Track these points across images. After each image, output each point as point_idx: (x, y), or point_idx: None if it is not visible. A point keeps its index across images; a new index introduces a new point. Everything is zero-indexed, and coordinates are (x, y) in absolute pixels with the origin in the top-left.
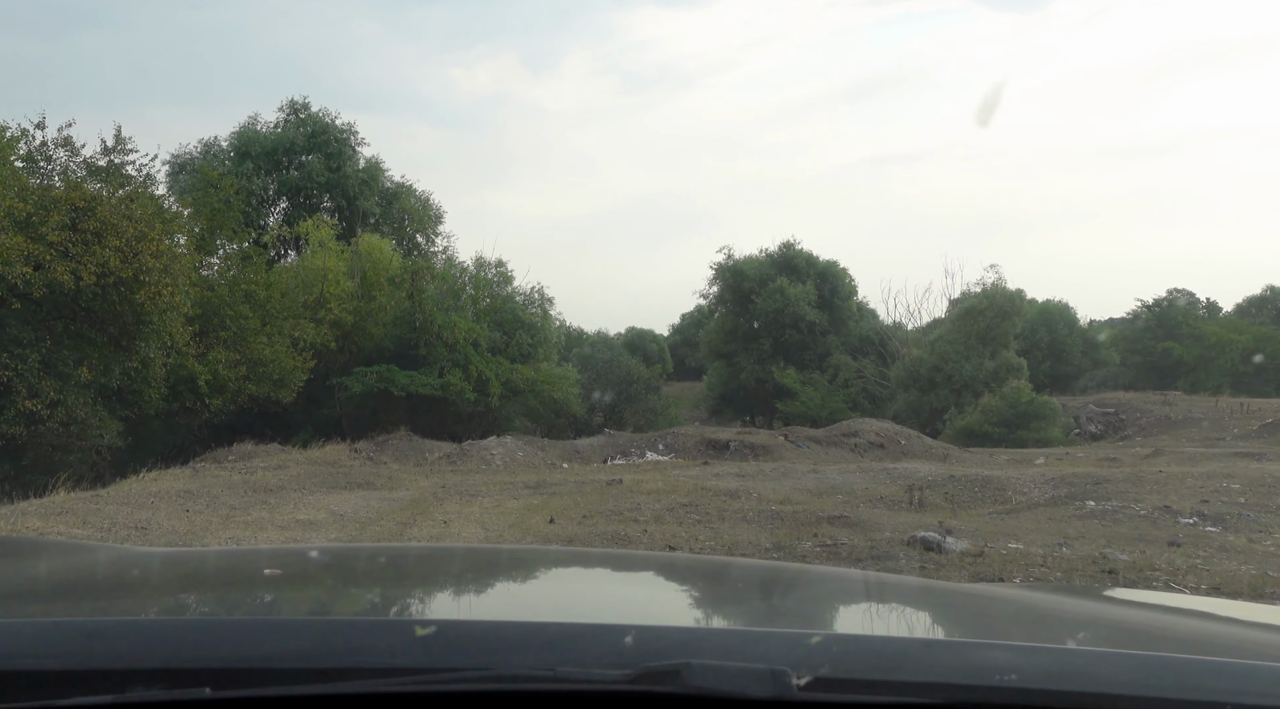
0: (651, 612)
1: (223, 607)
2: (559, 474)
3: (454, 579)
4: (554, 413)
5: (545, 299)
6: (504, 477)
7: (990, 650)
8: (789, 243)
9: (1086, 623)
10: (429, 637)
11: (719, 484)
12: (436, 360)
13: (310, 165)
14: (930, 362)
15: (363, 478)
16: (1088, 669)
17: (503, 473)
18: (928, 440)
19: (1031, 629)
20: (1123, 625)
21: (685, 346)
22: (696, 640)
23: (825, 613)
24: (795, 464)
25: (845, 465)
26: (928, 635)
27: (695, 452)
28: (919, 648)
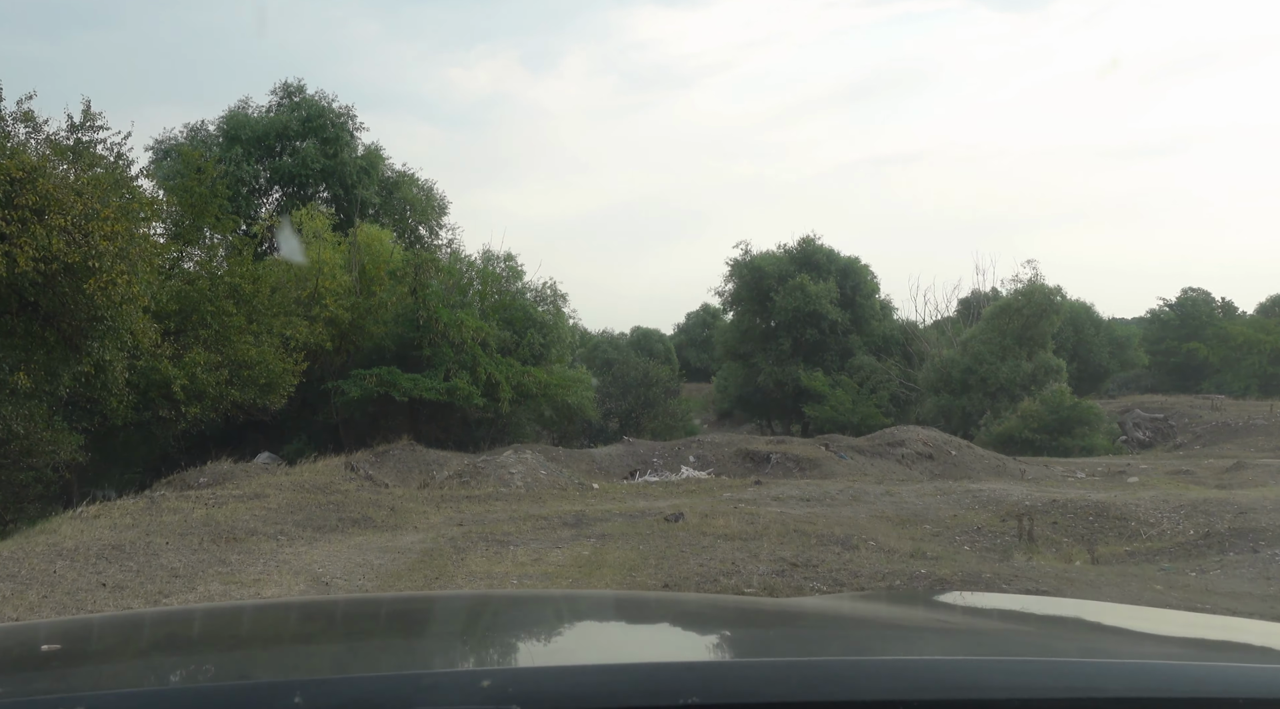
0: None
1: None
2: (596, 501)
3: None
4: (567, 419)
5: (558, 295)
6: (531, 506)
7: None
8: (808, 238)
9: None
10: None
11: (790, 513)
12: (442, 362)
13: (305, 151)
14: (963, 363)
15: (359, 511)
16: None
17: (527, 500)
18: (978, 450)
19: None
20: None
21: (691, 347)
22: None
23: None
24: (862, 484)
25: (917, 484)
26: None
27: (733, 466)
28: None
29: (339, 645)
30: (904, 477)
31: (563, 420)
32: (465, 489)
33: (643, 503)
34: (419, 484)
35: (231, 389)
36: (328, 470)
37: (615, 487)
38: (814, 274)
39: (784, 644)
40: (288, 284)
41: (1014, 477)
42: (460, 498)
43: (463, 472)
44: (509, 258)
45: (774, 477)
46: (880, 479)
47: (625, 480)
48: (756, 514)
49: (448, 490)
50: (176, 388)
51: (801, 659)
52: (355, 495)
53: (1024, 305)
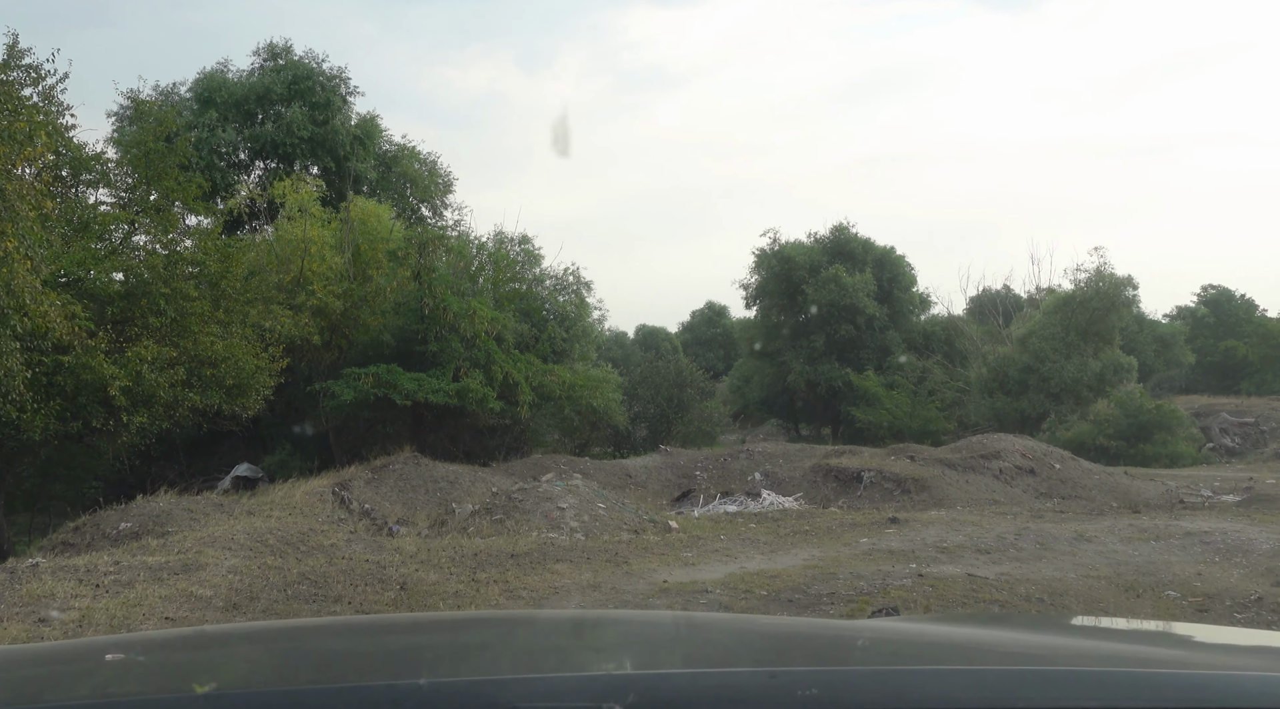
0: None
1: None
2: (699, 556)
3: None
4: (590, 425)
5: (581, 283)
6: (609, 570)
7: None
8: (842, 226)
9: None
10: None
11: (979, 577)
12: (450, 359)
13: (290, 117)
14: (1021, 361)
15: (350, 593)
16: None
17: (598, 558)
18: (1084, 463)
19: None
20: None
21: (697, 345)
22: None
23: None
24: (1020, 521)
25: (1108, 519)
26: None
27: (812, 486)
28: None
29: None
30: (1008, 495)
31: (586, 427)
32: (503, 536)
33: (768, 559)
34: (432, 521)
35: (189, 392)
36: (309, 504)
37: (696, 524)
38: (848, 265)
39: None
40: (269, 266)
41: (1161, 499)
42: (501, 559)
43: (491, 505)
44: (525, 240)
45: (873, 501)
46: (1009, 506)
47: (680, 506)
48: (942, 582)
49: (477, 539)
50: (114, 390)
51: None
52: (344, 556)
53: (1091, 297)
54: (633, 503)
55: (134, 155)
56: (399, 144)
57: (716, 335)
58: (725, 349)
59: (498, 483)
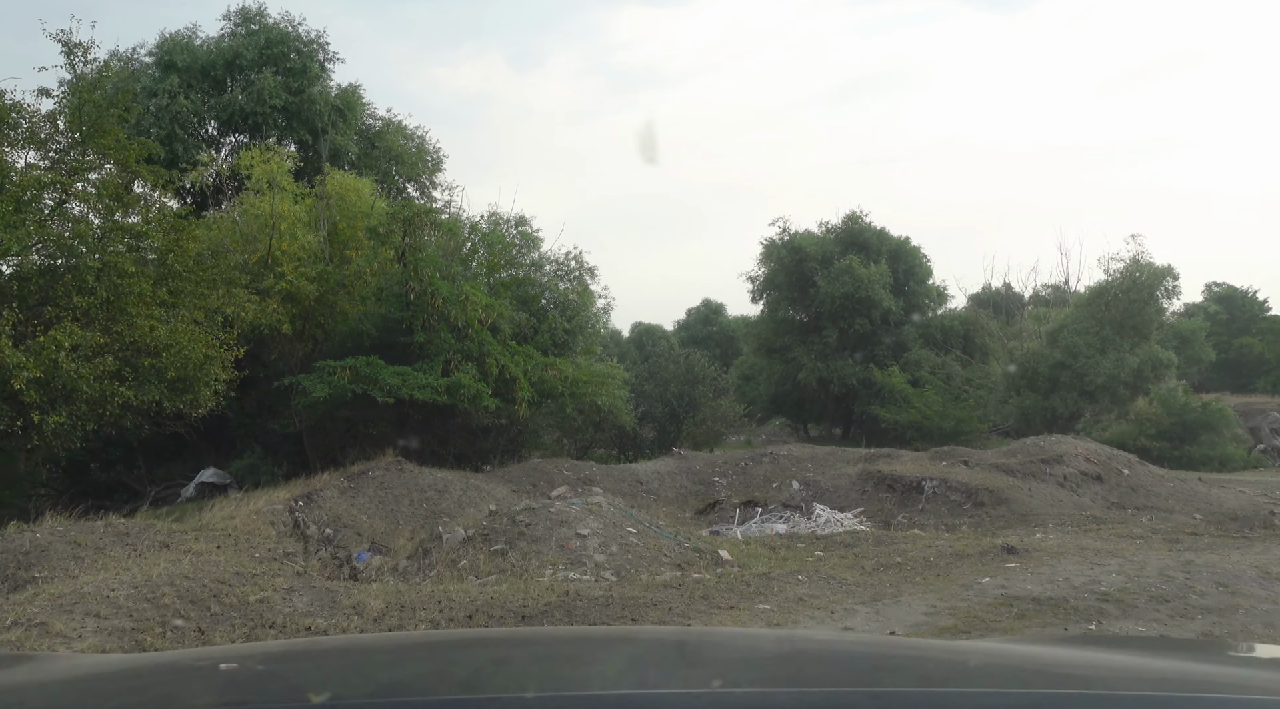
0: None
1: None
2: (777, 608)
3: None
4: (594, 425)
5: (585, 268)
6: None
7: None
8: (855, 215)
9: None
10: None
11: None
12: (439, 351)
13: (261, 84)
14: (1053, 357)
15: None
16: None
17: (650, 615)
18: (1153, 468)
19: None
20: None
21: (693, 344)
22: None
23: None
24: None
25: (1258, 546)
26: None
27: (872, 499)
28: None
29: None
30: (1076, 506)
31: (589, 427)
32: (506, 577)
33: (876, 613)
34: (414, 550)
35: (121, 386)
36: (253, 528)
37: (749, 552)
38: (862, 255)
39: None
40: (233, 245)
41: (1250, 512)
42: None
43: (489, 530)
44: (522, 221)
45: (939, 515)
46: (1117, 525)
47: (710, 522)
48: None
49: (471, 580)
50: (20, 383)
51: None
52: (272, 623)
53: (1129, 287)
54: (667, 524)
55: (70, 114)
56: (384, 118)
57: (713, 333)
58: (722, 347)
59: (495, 493)
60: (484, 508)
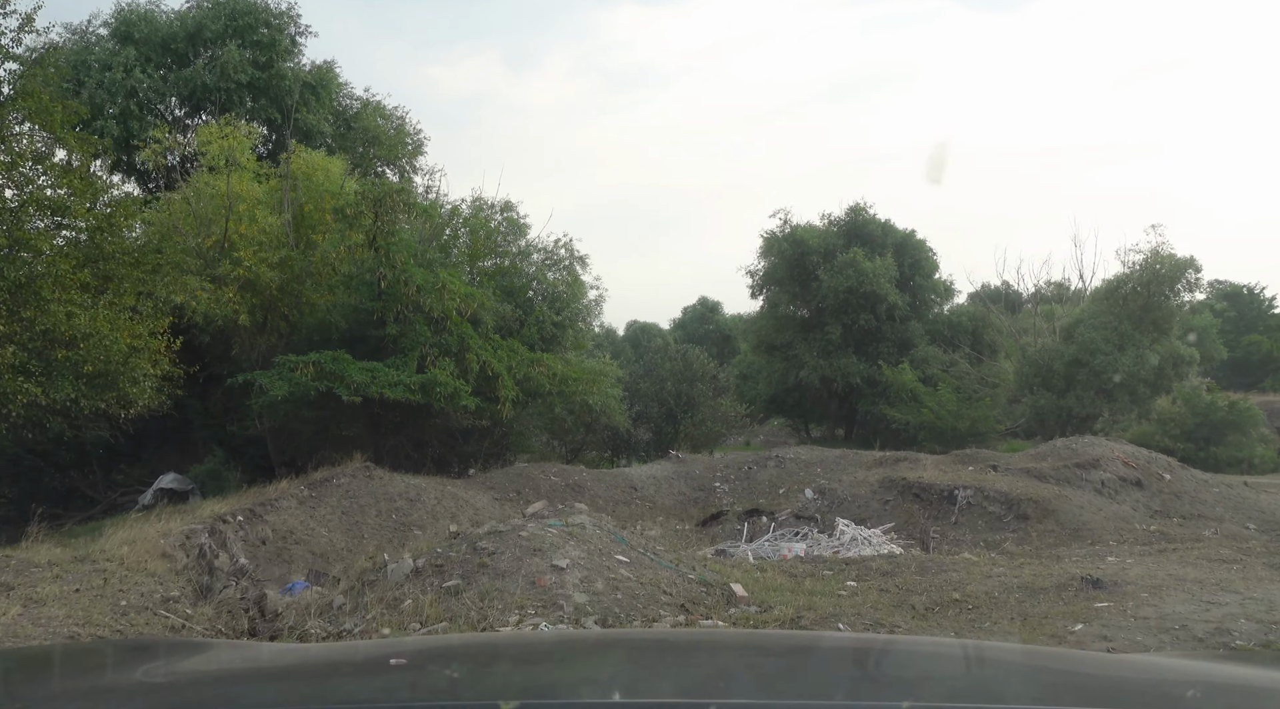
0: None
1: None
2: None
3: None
4: (585, 426)
5: (575, 257)
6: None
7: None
8: (859, 206)
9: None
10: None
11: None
12: (414, 345)
13: (226, 58)
14: (1068, 354)
15: None
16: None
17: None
18: (1196, 472)
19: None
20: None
21: (689, 343)
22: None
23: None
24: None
25: None
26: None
27: (897, 511)
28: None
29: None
30: (1116, 514)
31: (580, 428)
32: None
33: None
34: (352, 582)
35: (27, 382)
36: (139, 562)
37: (768, 583)
38: (867, 248)
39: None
40: (186, 228)
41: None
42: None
43: (444, 559)
44: (508, 207)
45: (976, 529)
46: (1196, 544)
47: (714, 537)
48: None
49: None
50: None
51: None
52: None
53: (1149, 280)
54: (664, 542)
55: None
56: (361, 98)
57: (709, 332)
58: (719, 345)
59: (475, 501)
60: (462, 518)
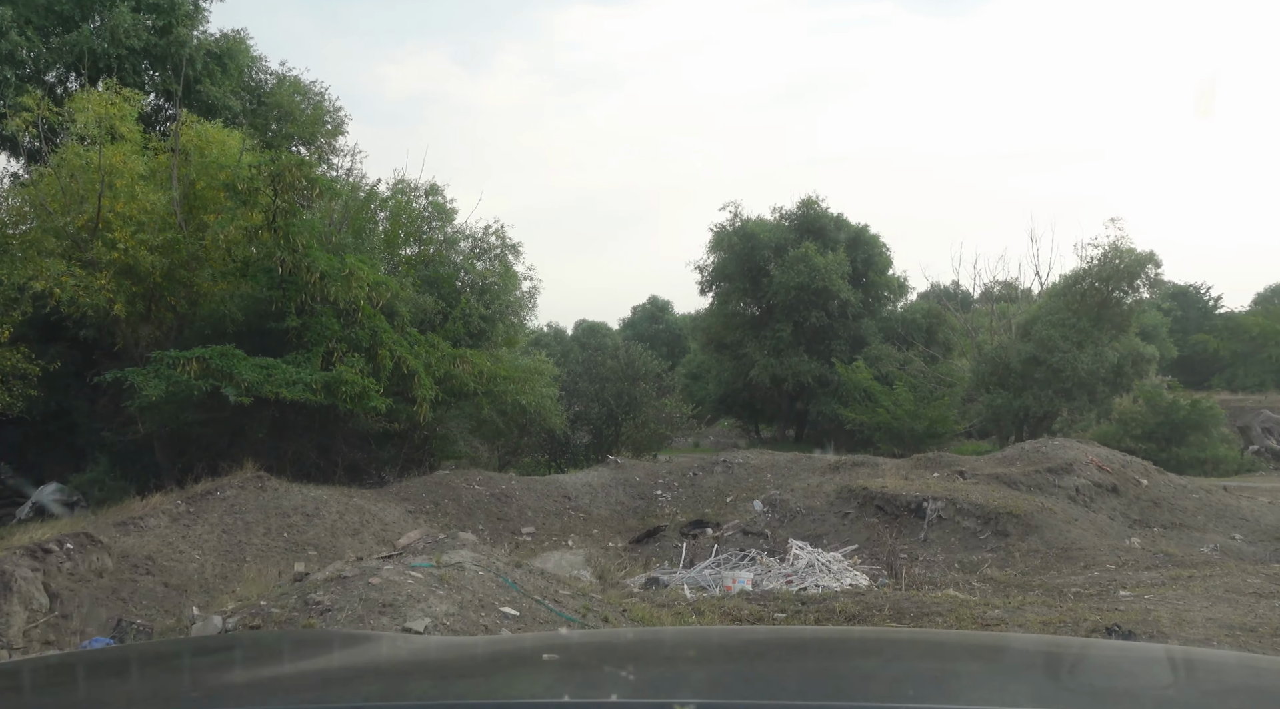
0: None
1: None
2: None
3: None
4: (519, 428)
5: (507, 245)
6: None
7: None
8: (811, 200)
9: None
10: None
11: None
12: (319, 339)
13: (117, 21)
14: (1025, 351)
15: None
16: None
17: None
18: (1174, 477)
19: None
20: None
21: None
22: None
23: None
24: None
25: None
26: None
27: (857, 526)
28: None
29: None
30: (1093, 525)
31: (514, 431)
32: None
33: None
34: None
35: None
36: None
37: None
38: (819, 243)
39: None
40: (52, 205)
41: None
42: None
43: (261, 619)
44: (434, 190)
45: (949, 548)
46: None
47: (647, 559)
48: None
49: None
50: None
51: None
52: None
53: (1109, 275)
54: (590, 565)
55: None
56: (276, 72)
57: (660, 332)
58: (669, 345)
59: (385, 515)
60: (366, 535)
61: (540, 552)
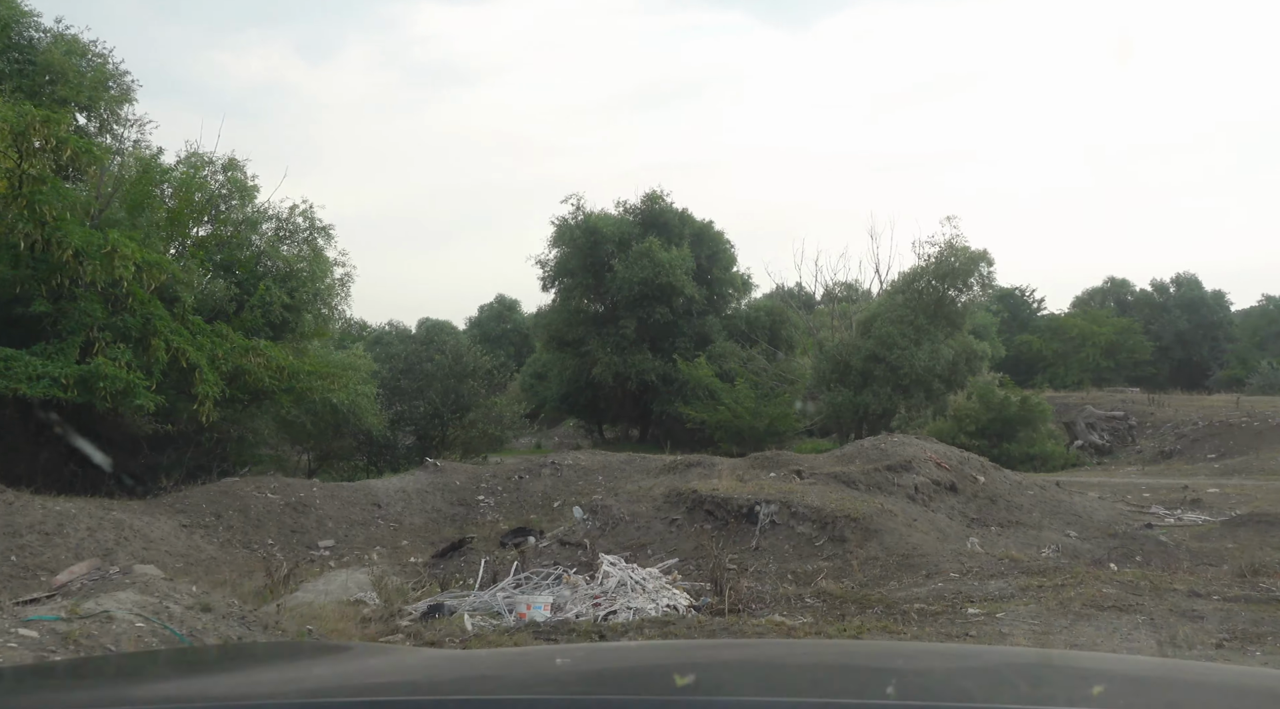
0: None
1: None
2: None
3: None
4: (332, 429)
5: (317, 228)
6: None
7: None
8: (655, 194)
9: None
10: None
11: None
12: (77, 327)
13: None
14: (865, 348)
15: None
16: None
17: None
18: (1010, 473)
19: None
20: None
21: (486, 342)
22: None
23: None
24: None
25: None
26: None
27: (686, 532)
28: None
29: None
30: (931, 523)
31: (327, 432)
32: None
33: None
34: None
35: None
36: None
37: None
38: (664, 238)
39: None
40: None
41: (1120, 523)
42: None
43: None
44: (233, 165)
45: (782, 556)
46: (1064, 576)
47: (445, 577)
48: None
49: None
50: None
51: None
52: None
53: (945, 273)
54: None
55: None
56: (51, 30)
57: (508, 331)
58: (517, 346)
59: (152, 531)
60: (121, 555)
61: (327, 571)
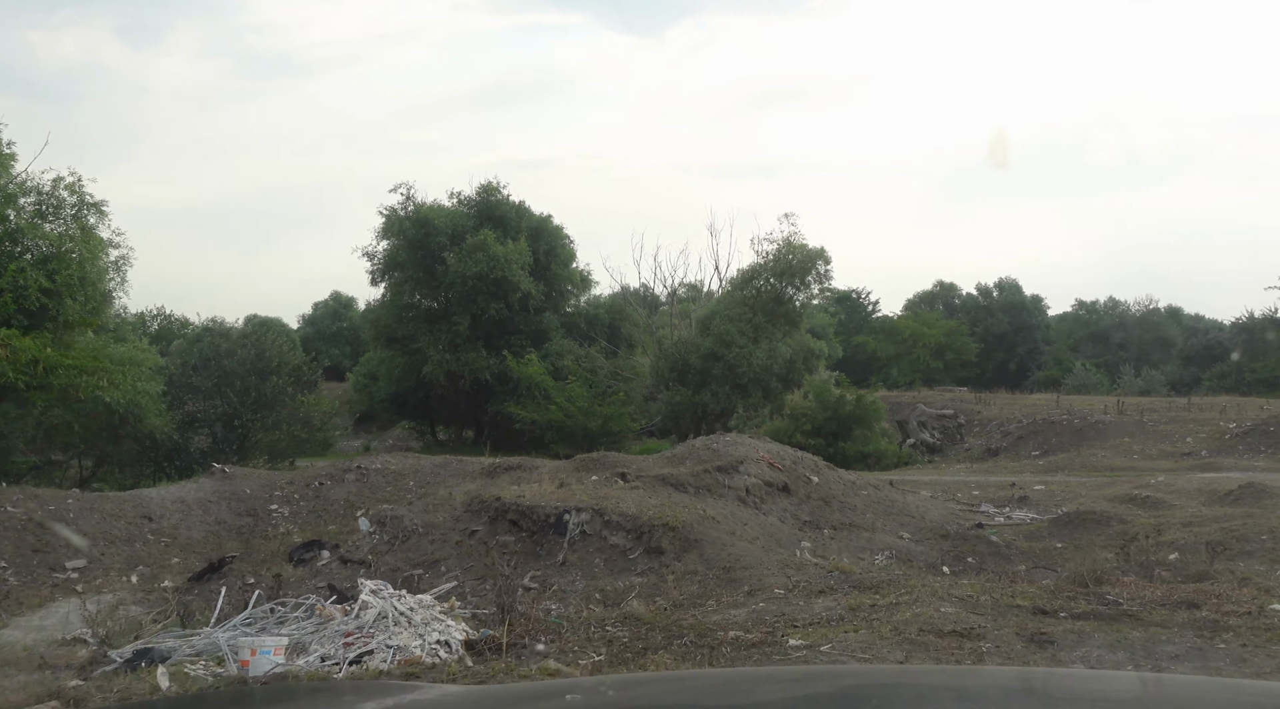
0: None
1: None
2: None
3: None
4: (108, 432)
5: (86, 205)
6: None
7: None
8: (491, 185)
9: None
10: None
11: None
12: None
13: None
14: (704, 346)
15: None
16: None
17: None
18: (844, 473)
19: None
20: None
21: (320, 340)
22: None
23: None
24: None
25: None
26: None
27: (484, 547)
28: None
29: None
30: (762, 527)
31: (103, 436)
32: None
33: None
34: None
35: None
36: None
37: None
38: (499, 231)
39: None
40: None
41: (952, 523)
42: None
43: None
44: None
45: (591, 574)
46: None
47: (197, 604)
48: None
49: None
50: None
51: None
52: None
53: (783, 271)
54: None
55: None
56: None
57: (344, 330)
58: (353, 345)
59: None
60: None
61: (59, 600)
